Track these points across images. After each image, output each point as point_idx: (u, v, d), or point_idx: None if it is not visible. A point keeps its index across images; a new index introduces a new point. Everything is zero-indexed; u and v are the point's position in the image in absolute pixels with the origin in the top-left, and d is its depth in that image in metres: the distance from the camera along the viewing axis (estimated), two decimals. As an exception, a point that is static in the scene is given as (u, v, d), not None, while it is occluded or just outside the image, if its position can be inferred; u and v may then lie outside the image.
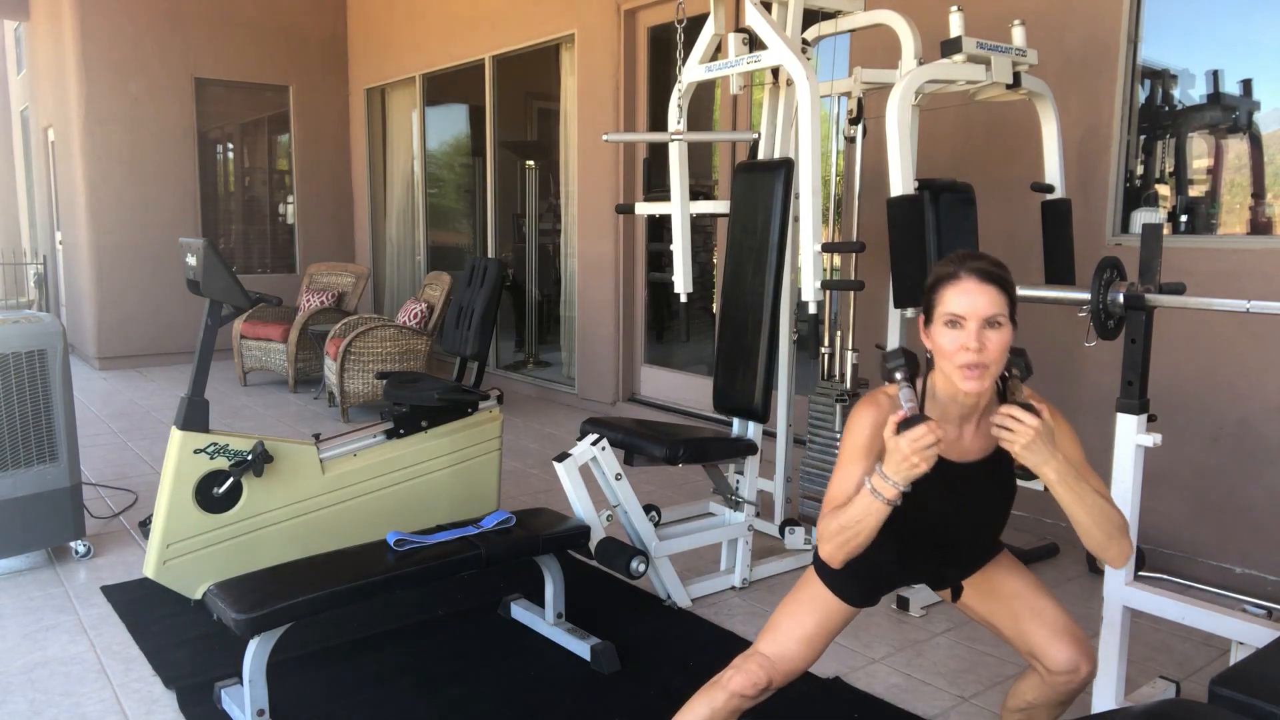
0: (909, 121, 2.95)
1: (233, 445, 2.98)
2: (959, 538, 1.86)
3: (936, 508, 1.77)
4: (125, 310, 8.04)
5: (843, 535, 1.69)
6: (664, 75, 5.89)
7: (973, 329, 1.62)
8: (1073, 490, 1.64)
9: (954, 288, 1.64)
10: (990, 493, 1.81)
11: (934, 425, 1.58)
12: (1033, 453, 1.62)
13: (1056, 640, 1.80)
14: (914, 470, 1.59)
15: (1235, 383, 3.34)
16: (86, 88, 7.75)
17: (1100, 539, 1.67)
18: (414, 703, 2.55)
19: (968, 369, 1.63)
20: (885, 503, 1.64)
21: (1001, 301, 1.63)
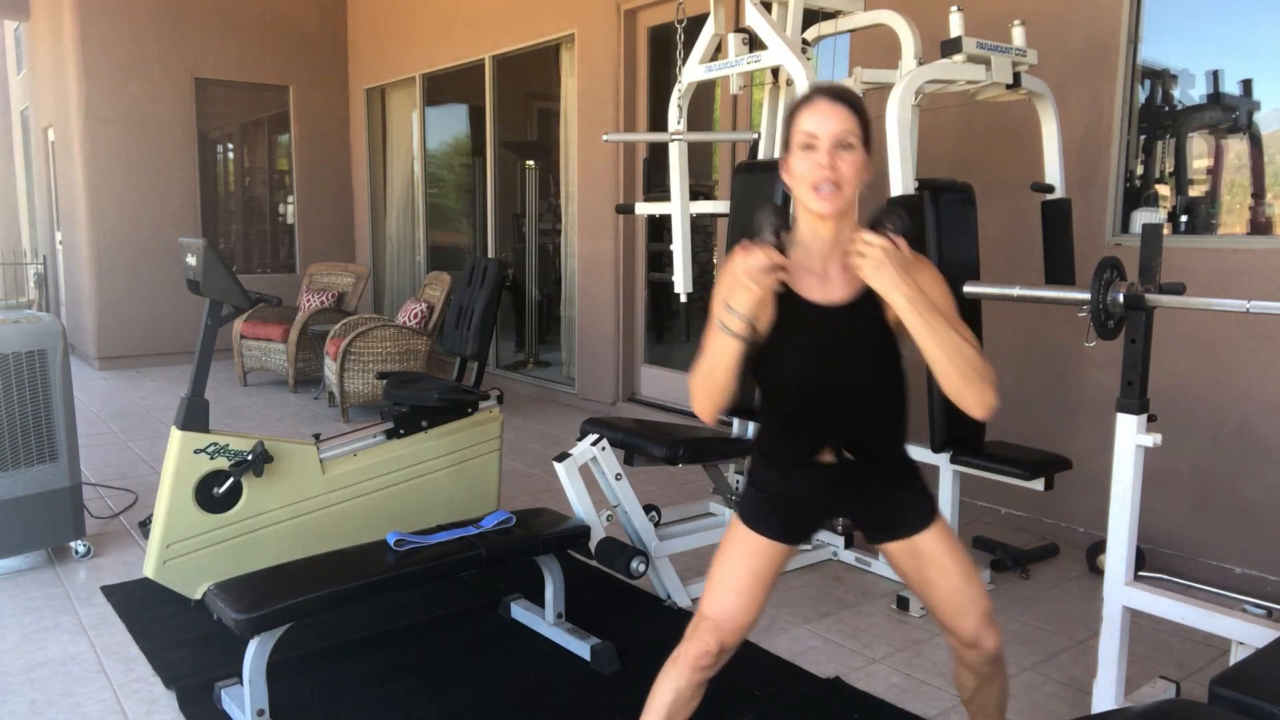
0: (909, 121, 2.95)
1: (233, 445, 2.98)
2: (840, 396, 1.75)
3: (806, 354, 1.74)
4: (125, 310, 8.04)
5: (703, 381, 1.69)
6: (664, 75, 5.89)
7: (825, 148, 1.64)
8: (925, 320, 1.61)
9: (807, 110, 1.67)
10: (860, 336, 1.74)
11: (771, 250, 1.59)
12: (881, 274, 1.60)
13: (962, 614, 1.79)
14: (750, 294, 1.60)
15: (1235, 383, 3.34)
16: (86, 88, 7.75)
17: (956, 379, 1.63)
18: (414, 703, 2.55)
19: (820, 187, 1.64)
20: (733, 335, 1.63)
21: (853, 123, 1.65)
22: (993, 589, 3.36)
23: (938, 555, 1.81)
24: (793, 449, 1.82)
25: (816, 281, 1.74)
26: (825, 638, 2.96)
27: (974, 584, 1.81)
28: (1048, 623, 3.08)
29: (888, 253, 1.61)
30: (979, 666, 1.84)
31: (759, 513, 1.83)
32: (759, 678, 2.69)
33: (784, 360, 1.74)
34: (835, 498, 1.87)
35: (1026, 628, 3.04)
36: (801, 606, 3.20)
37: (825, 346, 1.73)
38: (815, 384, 1.75)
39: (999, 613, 3.16)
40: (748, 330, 1.64)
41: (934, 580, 1.81)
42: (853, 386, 1.75)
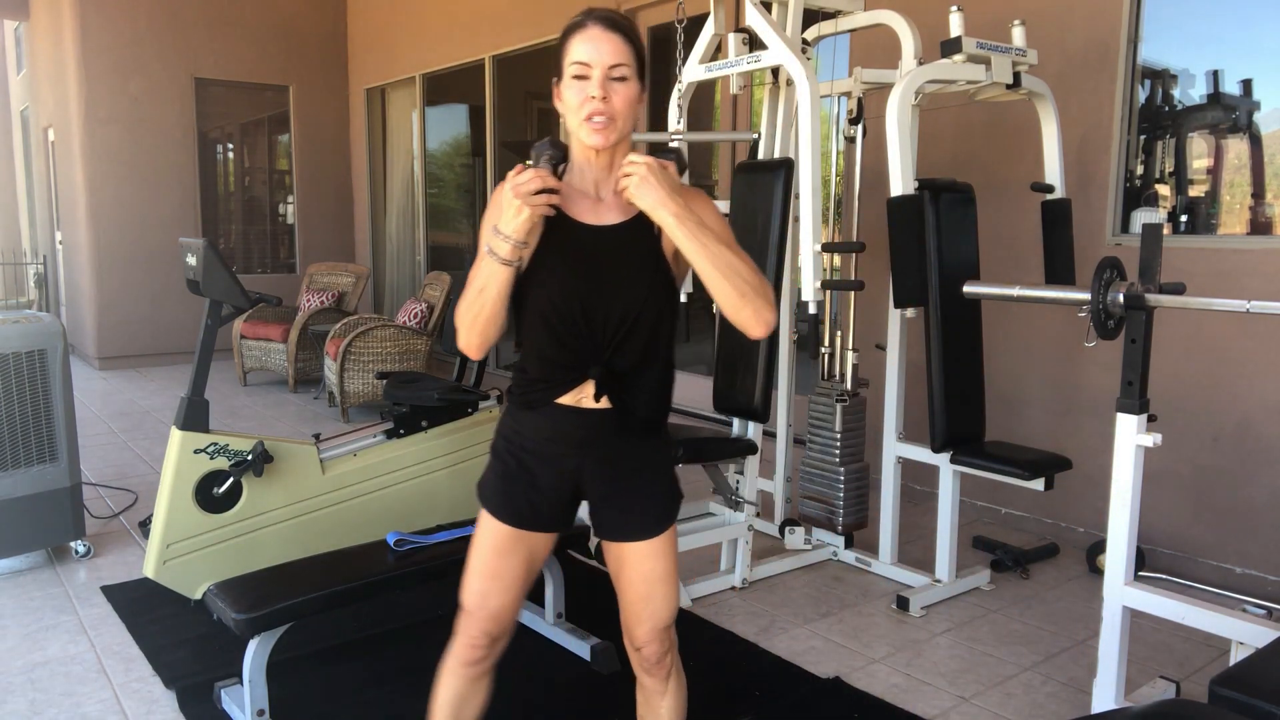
0: (909, 121, 2.95)
1: (233, 445, 2.98)
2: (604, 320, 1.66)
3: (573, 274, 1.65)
4: (125, 310, 8.04)
5: (471, 310, 1.62)
6: (664, 75, 5.89)
7: (598, 77, 1.58)
8: (694, 235, 1.55)
9: (579, 36, 1.61)
10: (630, 259, 1.67)
11: (542, 172, 1.54)
12: (646, 190, 1.55)
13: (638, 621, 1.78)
14: (519, 216, 1.54)
15: (1235, 383, 3.34)
16: (86, 88, 7.75)
17: (733, 296, 1.58)
18: (414, 703, 2.55)
19: (593, 120, 1.59)
20: (502, 261, 1.57)
21: (628, 53, 1.60)
22: (992, 589, 3.36)
23: (643, 564, 1.76)
24: (547, 379, 1.71)
25: (590, 205, 1.69)
26: (825, 638, 2.96)
27: (664, 597, 1.77)
28: (1048, 623, 3.08)
29: (653, 170, 1.56)
30: (641, 673, 1.82)
31: (494, 491, 1.76)
32: (759, 678, 2.69)
33: (549, 281, 1.66)
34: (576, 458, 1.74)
35: (1026, 628, 3.04)
36: (801, 606, 3.20)
37: (593, 267, 1.66)
38: (580, 306, 1.66)
39: (999, 613, 3.16)
40: (517, 254, 1.58)
41: (628, 581, 1.78)
42: (619, 310, 1.66)
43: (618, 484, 1.77)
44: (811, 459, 3.63)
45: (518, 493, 1.75)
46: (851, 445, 3.55)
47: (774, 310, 1.62)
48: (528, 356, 1.74)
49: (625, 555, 1.78)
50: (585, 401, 1.70)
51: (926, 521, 4.03)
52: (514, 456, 1.75)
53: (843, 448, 3.53)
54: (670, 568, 1.79)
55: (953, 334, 3.20)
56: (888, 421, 3.45)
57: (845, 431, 3.52)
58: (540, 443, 1.74)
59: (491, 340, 1.66)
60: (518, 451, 1.75)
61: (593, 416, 1.71)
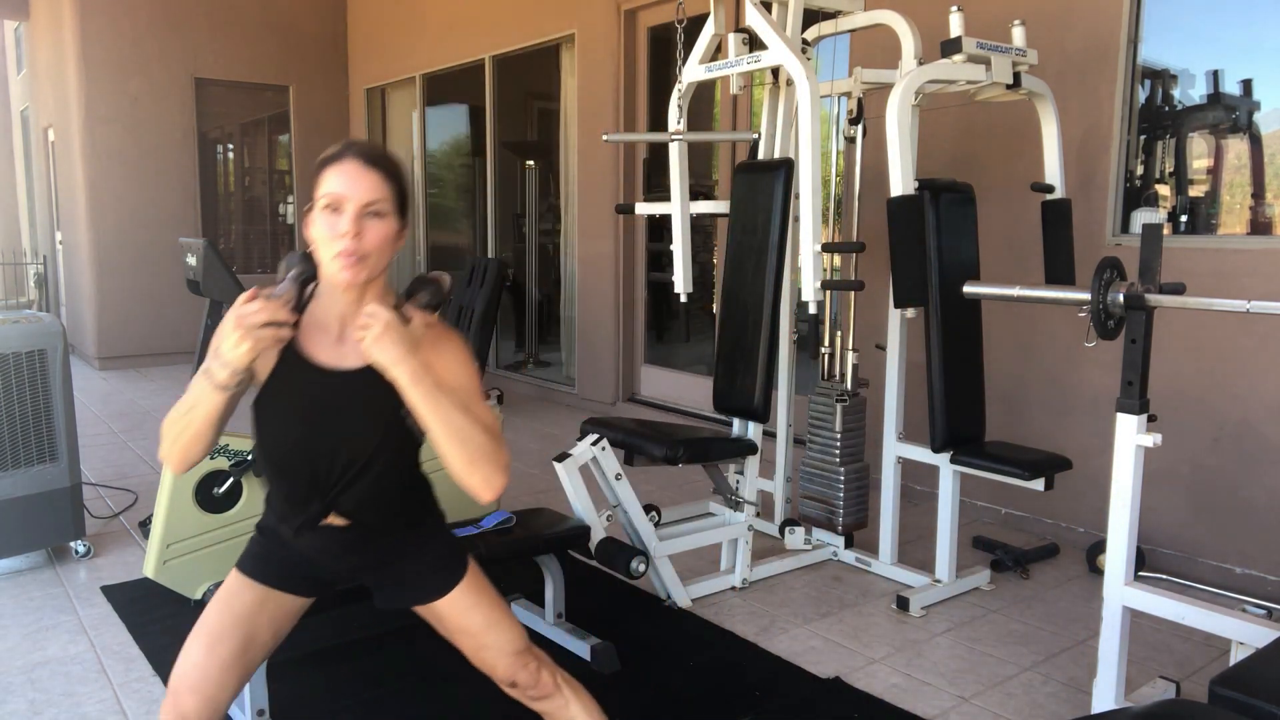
0: (909, 121, 2.95)
1: (233, 445, 2.98)
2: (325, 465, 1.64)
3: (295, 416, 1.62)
4: (125, 310, 8.04)
5: (176, 426, 1.55)
6: (664, 75, 5.89)
7: (350, 213, 1.51)
8: (426, 400, 1.52)
9: (334, 168, 1.54)
10: (364, 406, 1.63)
11: (272, 304, 1.49)
12: (383, 348, 1.50)
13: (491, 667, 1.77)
14: (240, 348, 1.48)
15: (1235, 383, 3.35)
16: (86, 88, 7.75)
17: (463, 461, 1.54)
18: (414, 703, 2.55)
19: (343, 257, 1.52)
20: (216, 386, 1.50)
21: (385, 190, 1.54)
22: (992, 589, 3.36)
23: (456, 618, 1.74)
24: (280, 505, 1.71)
25: (330, 342, 1.63)
26: (825, 638, 2.96)
27: (497, 636, 1.75)
28: (1048, 623, 3.08)
29: (389, 328, 1.49)
30: (533, 704, 1.80)
31: (253, 556, 1.74)
32: (759, 678, 2.69)
33: (273, 417, 1.63)
34: (333, 565, 1.75)
35: (1026, 628, 3.04)
36: (801, 606, 3.20)
37: (320, 414, 1.62)
38: (297, 448, 1.63)
39: (998, 613, 3.16)
40: (234, 381, 1.51)
41: (454, 635, 1.77)
42: (338, 459, 1.64)
43: (382, 572, 1.77)
44: (811, 459, 3.63)
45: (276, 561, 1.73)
46: (851, 445, 3.56)
47: (504, 475, 1.59)
48: (263, 471, 1.72)
49: (438, 614, 1.77)
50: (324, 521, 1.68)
51: (926, 521, 4.03)
52: (276, 541, 1.75)
53: (843, 448, 3.53)
54: (489, 607, 1.77)
55: (953, 334, 3.20)
56: (888, 421, 3.45)
57: (845, 431, 3.53)
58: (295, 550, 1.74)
59: (195, 460, 1.59)
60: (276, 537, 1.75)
61: (333, 533, 1.70)
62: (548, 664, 1.81)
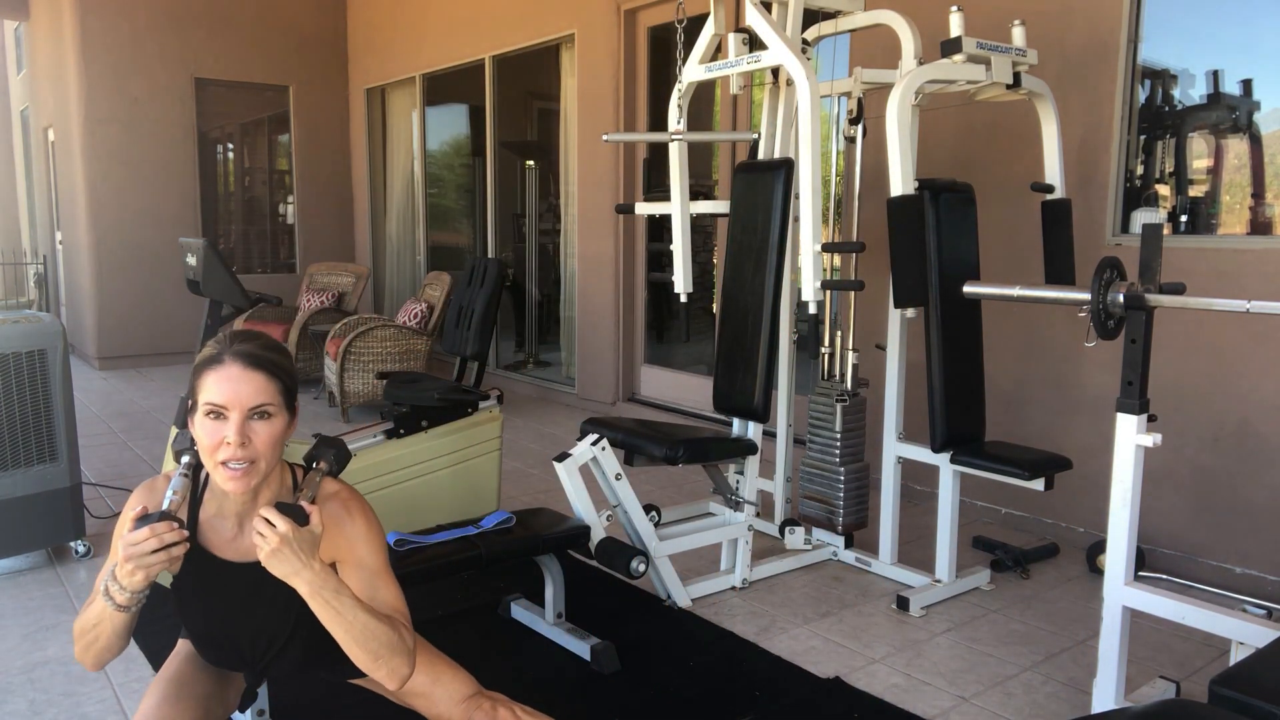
0: (909, 121, 2.95)
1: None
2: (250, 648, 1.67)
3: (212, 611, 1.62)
4: (125, 310, 8.04)
5: (86, 638, 1.52)
6: (664, 75, 5.89)
7: (235, 420, 1.46)
8: (329, 605, 1.49)
9: (215, 373, 1.48)
10: (274, 593, 1.59)
11: (166, 527, 1.41)
12: (279, 562, 1.45)
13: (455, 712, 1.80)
14: (134, 578, 1.42)
15: (1235, 383, 3.35)
16: (86, 88, 7.75)
17: (367, 659, 1.54)
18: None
19: (229, 466, 1.47)
20: (117, 608, 1.46)
21: (272, 389, 1.50)
22: (992, 589, 3.36)
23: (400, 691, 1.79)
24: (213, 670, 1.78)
25: (231, 537, 1.61)
26: (825, 638, 2.96)
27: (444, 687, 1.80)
28: (1048, 623, 3.08)
29: (285, 541, 1.44)
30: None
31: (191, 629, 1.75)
32: (759, 678, 2.69)
33: (189, 606, 1.63)
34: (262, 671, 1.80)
35: (1026, 628, 3.04)
36: (801, 606, 3.20)
37: (232, 603, 1.61)
38: (222, 638, 1.66)
39: (998, 613, 3.16)
40: (135, 602, 1.48)
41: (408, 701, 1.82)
42: (261, 640, 1.66)
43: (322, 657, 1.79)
44: (811, 459, 3.63)
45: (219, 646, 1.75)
46: (851, 445, 3.55)
47: (410, 662, 1.60)
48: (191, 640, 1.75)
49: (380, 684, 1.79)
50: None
51: (926, 521, 4.03)
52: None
53: (843, 448, 3.53)
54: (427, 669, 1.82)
55: (953, 334, 3.20)
56: (888, 421, 3.45)
57: (845, 431, 3.53)
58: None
59: (109, 660, 1.57)
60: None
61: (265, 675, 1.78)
62: (503, 701, 1.83)
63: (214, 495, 1.62)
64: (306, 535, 1.48)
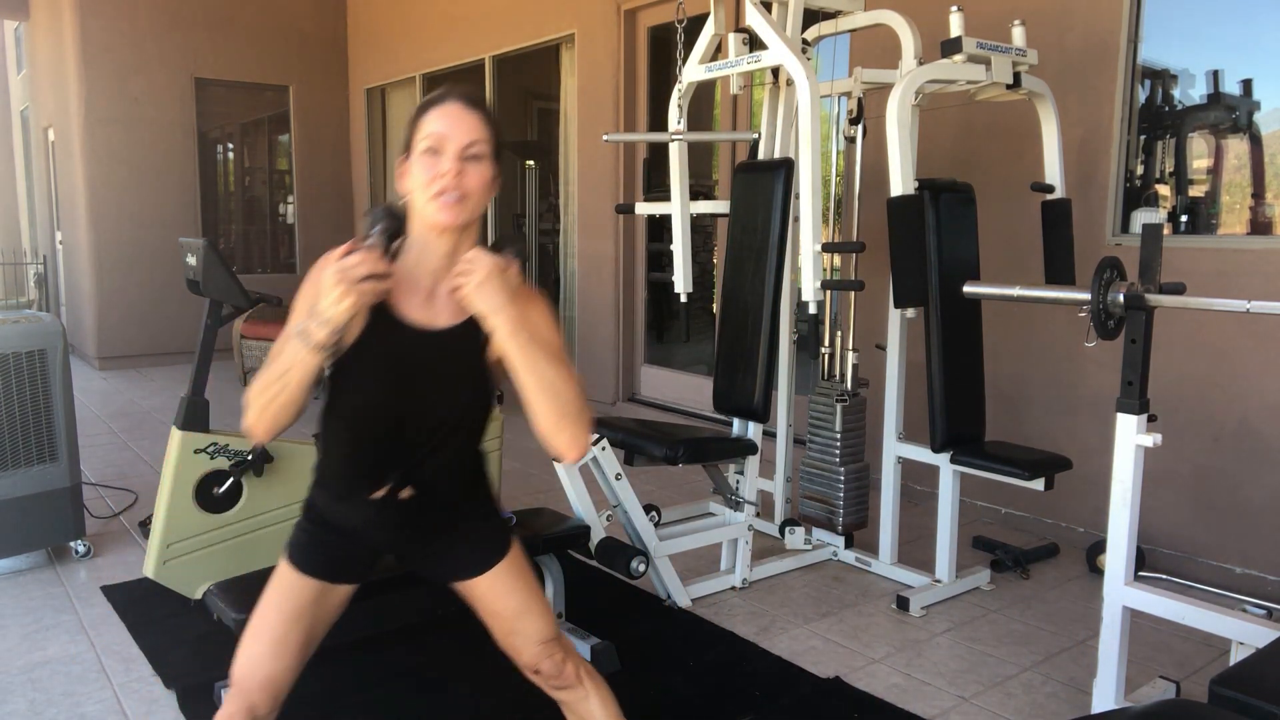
0: (909, 121, 2.95)
1: (233, 445, 2.98)
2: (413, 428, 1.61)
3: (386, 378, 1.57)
4: (125, 310, 8.04)
5: (268, 392, 1.48)
6: (664, 75, 5.89)
7: (451, 153, 1.50)
8: (524, 351, 1.50)
9: (436, 111, 1.53)
10: (453, 367, 1.60)
11: (373, 255, 1.45)
12: (485, 295, 1.47)
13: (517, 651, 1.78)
14: (341, 304, 1.43)
15: (1235, 383, 3.35)
16: (86, 88, 7.75)
17: (553, 417, 1.53)
18: (414, 703, 2.55)
19: (443, 197, 1.50)
20: (312, 347, 1.45)
21: (484, 133, 1.53)
22: (992, 589, 3.36)
23: (493, 599, 1.75)
24: (350, 478, 1.66)
25: (420, 300, 1.59)
26: (825, 638, 2.96)
27: (531, 619, 1.75)
28: (1048, 623, 3.08)
29: (494, 274, 1.48)
30: (553, 693, 1.81)
31: (302, 546, 1.70)
32: (759, 678, 2.69)
33: (360, 381, 1.58)
34: (388, 536, 1.73)
35: (1026, 628, 3.04)
36: (801, 606, 3.20)
37: (410, 373, 1.58)
38: (389, 412, 1.59)
39: (998, 613, 3.16)
40: (332, 342, 1.46)
41: (489, 615, 1.77)
42: (430, 420, 1.61)
43: (432, 544, 1.76)
44: (811, 459, 3.63)
45: (326, 552, 1.71)
46: (851, 445, 3.55)
47: (588, 435, 1.58)
48: (329, 445, 1.67)
49: (475, 592, 1.77)
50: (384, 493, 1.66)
51: (926, 521, 4.03)
52: (323, 524, 1.72)
53: (843, 448, 3.53)
54: (526, 592, 1.77)
55: (953, 334, 3.20)
56: (888, 421, 3.45)
57: (845, 431, 3.52)
58: (348, 523, 1.71)
59: (285, 426, 1.54)
60: (325, 523, 1.72)
61: (394, 506, 1.67)
62: (573, 655, 1.82)
63: (406, 260, 1.59)
64: (507, 278, 1.50)
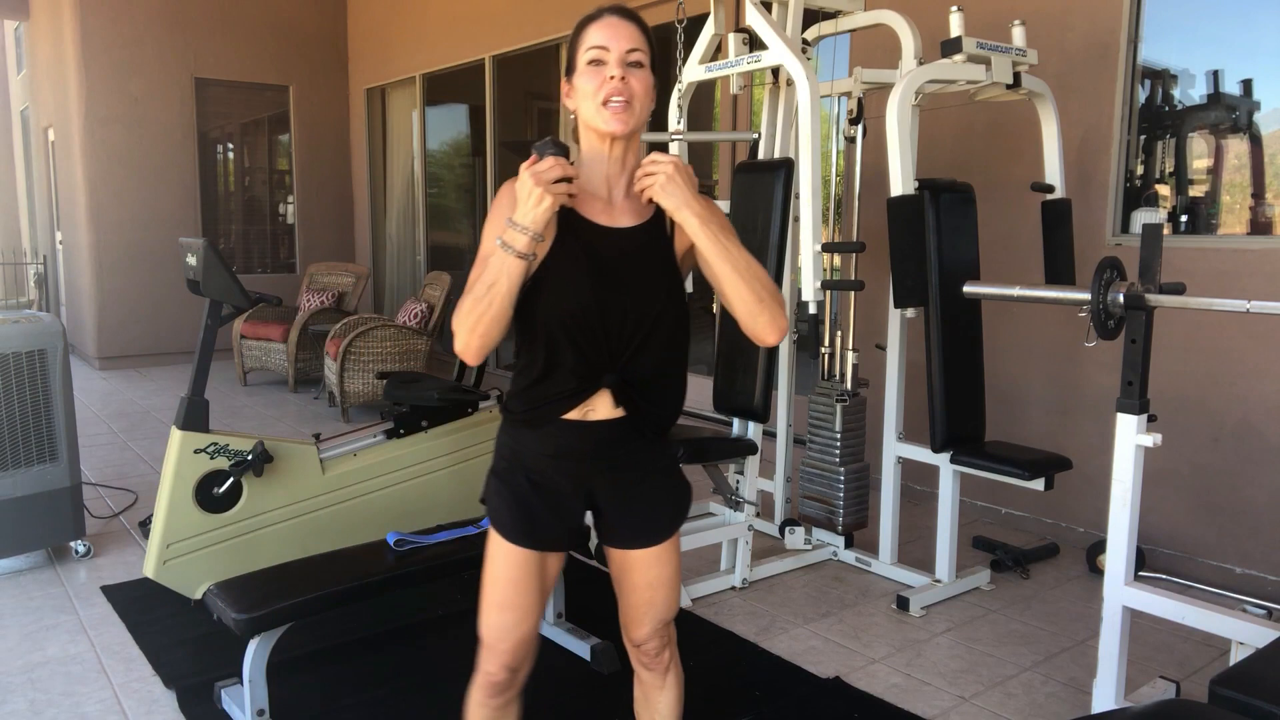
0: (909, 121, 2.95)
1: (233, 445, 2.98)
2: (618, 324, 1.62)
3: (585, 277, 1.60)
4: (125, 310, 8.04)
5: (476, 310, 1.53)
6: (664, 75, 5.88)
7: (615, 60, 1.56)
8: (717, 240, 1.56)
9: (596, 24, 1.59)
10: (646, 263, 1.65)
11: (561, 160, 1.51)
12: (672, 192, 1.55)
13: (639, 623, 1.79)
14: (540, 207, 1.49)
15: (1235, 383, 3.35)
16: (86, 88, 7.75)
17: (751, 300, 1.57)
18: (414, 703, 2.55)
19: (611, 104, 1.56)
20: (516, 255, 1.51)
21: (642, 40, 1.59)
22: (992, 589, 3.36)
23: (648, 571, 1.76)
24: (558, 396, 1.64)
25: (601, 206, 1.65)
26: (825, 638, 2.96)
27: (666, 599, 1.77)
28: (1048, 623, 3.08)
29: (679, 170, 1.55)
30: (641, 669, 1.83)
31: (507, 517, 1.70)
32: (759, 678, 2.69)
33: (564, 286, 1.60)
34: (586, 470, 1.70)
35: (1026, 628, 3.04)
36: (801, 606, 3.20)
37: (610, 272, 1.62)
38: (598, 311, 1.60)
39: (998, 613, 3.16)
40: (534, 247, 1.52)
41: (631, 586, 1.78)
42: (634, 316, 1.63)
43: (626, 491, 1.74)
44: (811, 459, 3.63)
45: (533, 516, 1.70)
46: (851, 445, 3.55)
47: (785, 319, 1.63)
48: (532, 367, 1.66)
49: (630, 562, 1.77)
50: (591, 414, 1.65)
51: (926, 521, 4.03)
52: (522, 479, 1.70)
53: (843, 448, 3.53)
54: (674, 570, 1.79)
55: (953, 334, 3.20)
56: (888, 421, 3.45)
57: (845, 431, 3.53)
58: (545, 460, 1.69)
59: (493, 343, 1.57)
60: (524, 472, 1.70)
61: (599, 429, 1.66)
62: (674, 644, 1.85)
63: (581, 171, 1.65)
64: (689, 174, 1.57)
